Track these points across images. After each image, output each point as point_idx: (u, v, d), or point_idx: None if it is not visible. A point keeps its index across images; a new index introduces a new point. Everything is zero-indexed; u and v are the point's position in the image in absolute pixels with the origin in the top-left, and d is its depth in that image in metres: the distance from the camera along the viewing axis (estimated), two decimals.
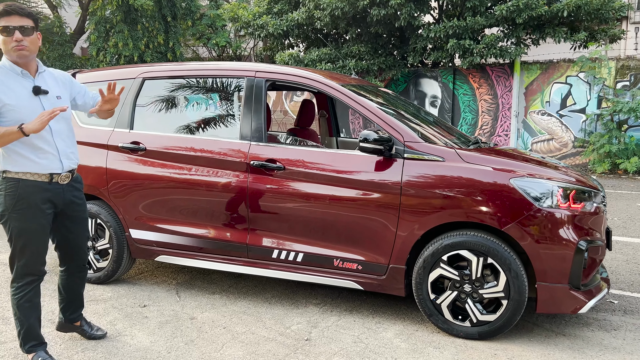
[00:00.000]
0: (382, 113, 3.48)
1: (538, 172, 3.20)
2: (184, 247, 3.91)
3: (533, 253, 3.05)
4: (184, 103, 4.10)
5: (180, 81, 4.10)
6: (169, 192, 3.88)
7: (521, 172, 3.15)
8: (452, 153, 3.28)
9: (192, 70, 4.06)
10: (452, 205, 3.17)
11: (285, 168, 3.54)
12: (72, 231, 2.99)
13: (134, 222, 4.04)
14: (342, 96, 3.56)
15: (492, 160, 3.25)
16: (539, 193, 3.08)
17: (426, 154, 3.29)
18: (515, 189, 3.08)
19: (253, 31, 12.74)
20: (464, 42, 10.86)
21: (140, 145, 3.98)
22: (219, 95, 3.99)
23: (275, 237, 3.64)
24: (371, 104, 3.55)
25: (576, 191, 3.15)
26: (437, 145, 3.36)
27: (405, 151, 3.33)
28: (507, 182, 3.10)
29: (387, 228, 3.32)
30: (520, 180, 3.11)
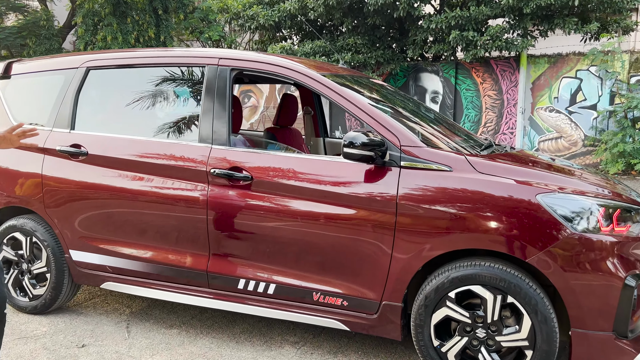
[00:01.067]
0: (374, 110, 2.78)
1: (571, 185, 2.50)
2: (133, 272, 3.21)
3: (567, 291, 2.36)
4: (134, 98, 3.39)
5: (131, 71, 3.39)
6: (115, 207, 3.18)
7: (550, 186, 2.44)
8: (462, 161, 2.58)
9: (145, 57, 3.35)
10: (461, 228, 2.47)
11: (253, 178, 2.84)
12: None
13: (75, 242, 3.34)
14: (323, 89, 2.86)
15: (513, 170, 2.54)
16: (574, 213, 2.38)
17: (428, 161, 2.59)
18: (543, 208, 2.38)
19: (243, 22, 12.01)
20: (467, 34, 10.14)
21: (81, 149, 3.28)
22: (176, 88, 3.28)
23: (241, 263, 2.95)
24: (360, 98, 2.84)
25: (621, 210, 2.45)
26: (442, 150, 2.66)
27: (402, 158, 2.62)
28: (534, 199, 2.40)
29: (379, 255, 2.63)
30: (550, 196, 2.40)
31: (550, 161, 3.13)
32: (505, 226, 2.41)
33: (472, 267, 2.49)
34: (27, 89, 3.67)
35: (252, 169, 2.86)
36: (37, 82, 3.64)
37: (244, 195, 2.86)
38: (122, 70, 3.40)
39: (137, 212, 3.13)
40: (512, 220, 2.41)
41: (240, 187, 2.87)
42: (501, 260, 2.49)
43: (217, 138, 2.99)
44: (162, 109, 3.31)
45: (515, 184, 2.45)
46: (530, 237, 2.38)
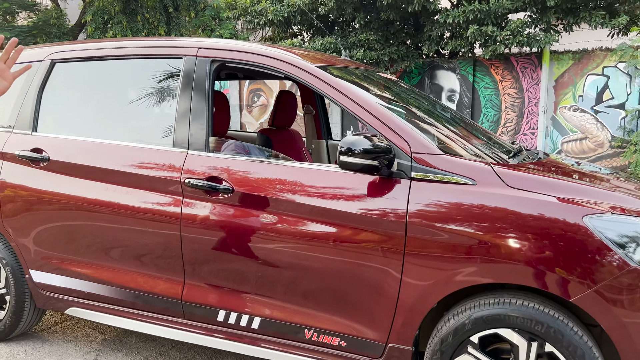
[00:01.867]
0: (380, 109, 2.29)
1: (627, 203, 1.98)
2: (101, 298, 2.77)
3: (626, 344, 1.84)
4: (104, 95, 2.95)
5: (101, 64, 2.94)
6: (79, 221, 2.74)
7: (601, 205, 1.93)
8: (488, 172, 2.07)
9: (116, 48, 2.89)
10: (487, 257, 1.97)
11: (234, 190, 2.37)
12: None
13: (35, 261, 2.91)
14: (318, 82, 2.37)
15: (552, 184, 2.04)
16: (633, 241, 1.86)
17: (446, 172, 2.09)
18: (593, 234, 1.87)
19: (252, 19, 11.57)
20: (486, 29, 9.57)
21: (42, 154, 2.84)
22: (151, 83, 2.82)
23: (221, 292, 2.48)
24: (363, 94, 2.35)
25: None
26: (463, 159, 2.16)
27: (413, 167, 2.13)
28: (580, 222, 1.89)
29: (384, 287, 2.14)
30: (601, 218, 1.89)
31: (594, 172, 2.61)
32: (544, 256, 1.91)
33: (500, 305, 1.99)
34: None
35: (233, 179, 2.39)
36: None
37: (224, 212, 2.39)
38: (91, 63, 2.95)
39: (104, 229, 2.68)
40: (552, 249, 1.90)
41: (220, 201, 2.40)
42: (537, 297, 1.99)
43: (195, 142, 2.52)
44: (134, 108, 2.86)
45: (556, 202, 1.94)
46: (577, 271, 1.87)
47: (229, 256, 2.41)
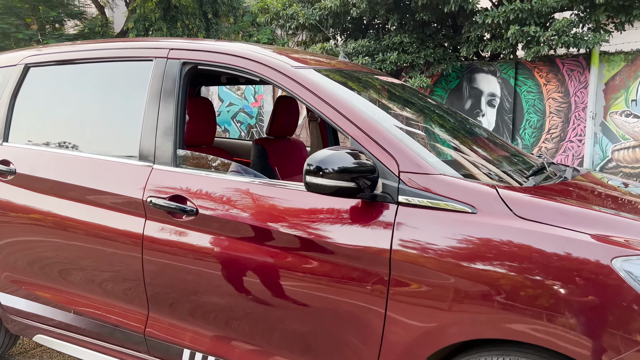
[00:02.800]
0: (364, 118, 1.91)
1: None
2: (66, 326, 2.50)
3: None
4: (76, 101, 2.69)
5: (74, 68, 2.68)
6: (41, 242, 2.49)
7: (634, 247, 1.49)
8: (492, 197, 1.67)
9: (89, 51, 2.63)
10: (487, 307, 1.56)
11: (198, 212, 2.05)
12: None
13: (3, 282, 2.68)
14: (293, 85, 2.02)
15: (572, 214, 1.61)
16: None
17: (440, 197, 1.70)
18: (624, 282, 1.43)
19: (284, 23, 11.33)
20: (528, 29, 8.96)
21: (10, 166, 2.61)
22: (122, 88, 2.54)
23: (185, 328, 2.16)
24: (345, 101, 1.97)
25: None
26: (462, 180, 1.75)
27: (400, 190, 1.75)
28: (607, 266, 1.46)
29: (364, 336, 1.77)
30: (636, 262, 1.45)
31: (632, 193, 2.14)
32: (558, 309, 1.48)
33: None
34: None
35: (198, 199, 2.07)
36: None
37: (186, 237, 2.07)
38: (64, 68, 2.71)
39: (66, 250, 2.42)
40: (570, 300, 1.48)
41: (183, 224, 2.08)
42: (548, 357, 1.56)
43: (161, 155, 2.22)
44: (104, 116, 2.59)
45: (578, 239, 1.51)
46: (604, 331, 1.44)
47: (192, 288, 2.10)
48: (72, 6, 22.48)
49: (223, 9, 19.60)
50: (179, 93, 2.25)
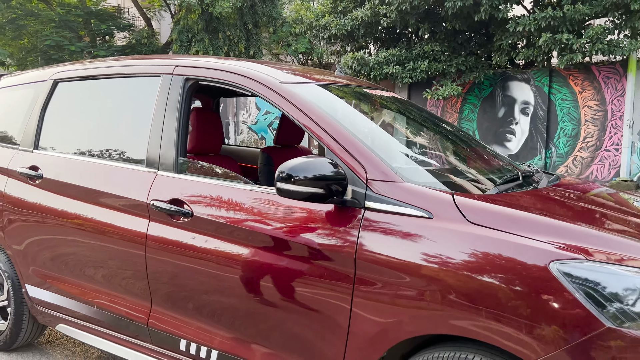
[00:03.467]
0: (339, 130, 2.07)
1: (627, 248, 1.62)
2: (82, 316, 2.76)
3: None
4: (95, 113, 2.97)
5: (95, 83, 2.97)
6: (62, 239, 2.77)
7: (573, 250, 1.59)
8: (447, 203, 1.80)
9: (106, 68, 2.91)
10: (436, 305, 1.70)
11: (193, 214, 2.26)
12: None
13: (30, 276, 2.98)
14: (279, 100, 2.21)
15: (523, 220, 1.72)
16: (610, 295, 1.51)
17: (401, 203, 1.84)
18: (560, 284, 1.54)
19: (317, 33, 11.59)
20: (560, 37, 8.85)
21: (38, 171, 2.91)
22: (134, 101, 2.80)
23: (182, 320, 2.37)
24: (323, 114, 2.14)
25: None
26: (422, 187, 1.89)
27: (367, 196, 1.90)
28: (546, 268, 1.57)
29: (333, 331, 1.92)
30: (573, 265, 1.56)
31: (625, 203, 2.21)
32: (502, 308, 1.60)
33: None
34: (6, 103, 3.41)
35: (193, 202, 2.28)
36: (14, 97, 3.36)
37: (182, 237, 2.29)
38: (86, 83, 2.99)
39: (83, 247, 2.68)
40: (511, 299, 1.59)
41: (180, 225, 2.30)
42: (498, 354, 1.67)
43: (164, 162, 2.45)
44: (119, 126, 2.85)
45: (517, 245, 1.62)
46: (541, 328, 1.55)
47: (186, 283, 2.30)
48: (122, 19, 23.56)
49: (263, 19, 20.07)
50: (181, 106, 2.48)
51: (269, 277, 2.05)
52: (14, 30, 20.86)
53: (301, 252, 1.97)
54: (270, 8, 20.15)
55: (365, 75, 10.92)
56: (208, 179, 2.34)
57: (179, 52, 19.42)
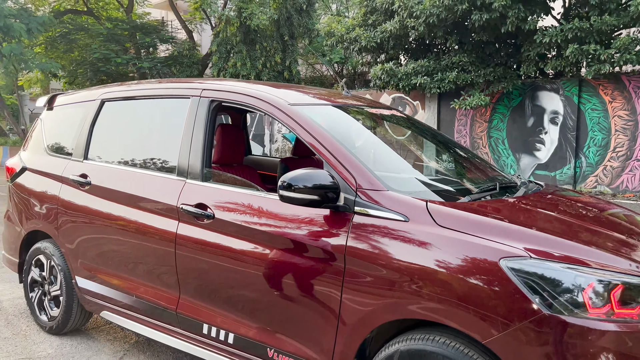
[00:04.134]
0: (334, 145, 2.43)
1: (567, 249, 1.91)
2: (120, 304, 3.20)
3: None
4: (134, 129, 3.43)
5: (134, 103, 3.42)
6: (106, 237, 3.21)
7: (520, 249, 1.89)
8: (421, 209, 2.13)
9: (145, 90, 3.36)
10: (409, 294, 2.02)
11: (214, 217, 2.66)
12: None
13: (79, 269, 3.44)
14: (286, 119, 2.59)
15: (483, 225, 2.03)
16: (548, 286, 1.81)
17: (382, 208, 2.18)
18: (508, 277, 1.85)
19: (348, 45, 11.98)
20: (587, 48, 8.94)
21: (87, 178, 3.38)
22: (167, 119, 3.23)
23: (204, 307, 2.76)
24: (322, 130, 2.50)
25: (625, 287, 1.81)
26: (402, 195, 2.22)
27: (356, 202, 2.25)
28: (496, 264, 1.88)
29: (327, 317, 2.27)
30: (519, 262, 1.86)
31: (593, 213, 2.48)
32: (461, 296, 1.92)
33: (424, 341, 2.02)
34: (60, 119, 3.92)
35: (215, 206, 2.68)
36: (68, 114, 3.86)
37: (205, 236, 2.68)
38: (128, 102, 3.46)
39: (123, 244, 3.11)
40: (468, 290, 1.91)
41: (204, 226, 2.70)
42: (461, 337, 1.98)
43: (192, 172, 2.86)
44: (154, 140, 3.29)
45: (475, 244, 1.94)
46: (490, 313, 1.86)
47: (208, 275, 2.69)
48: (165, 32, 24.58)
49: (299, 30, 20.63)
50: (207, 123, 2.89)
51: (274, 270, 2.41)
52: (66, 44, 22.12)
53: (300, 249, 2.33)
54: (306, 19, 20.70)
55: (394, 85, 11.23)
56: (227, 187, 2.74)
57: (218, 64, 20.17)
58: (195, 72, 22.32)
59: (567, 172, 10.69)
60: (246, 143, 4.46)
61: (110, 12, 24.32)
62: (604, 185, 10.26)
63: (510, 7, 9.13)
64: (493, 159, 11.79)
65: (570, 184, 10.63)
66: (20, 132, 21.91)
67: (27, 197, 3.81)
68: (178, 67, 22.51)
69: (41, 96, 4.17)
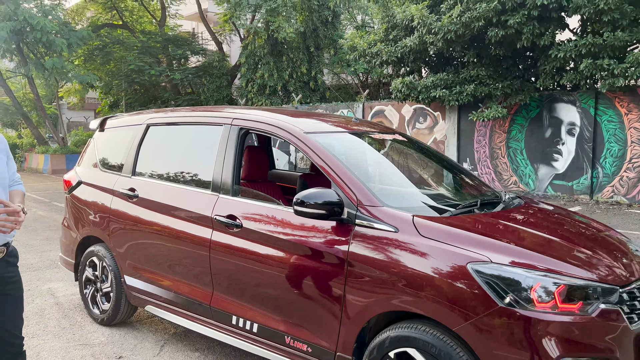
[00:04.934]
0: (340, 167, 2.94)
1: (522, 256, 2.38)
2: (163, 299, 3.77)
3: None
4: (175, 150, 4.01)
5: (174, 128, 4.01)
6: (150, 242, 3.79)
7: (484, 256, 2.37)
8: (408, 222, 2.62)
9: (183, 117, 3.94)
10: (397, 291, 2.52)
11: (242, 226, 3.20)
12: (3, 311, 2.43)
13: (127, 269, 4.03)
14: (302, 145, 3.12)
15: (457, 236, 2.51)
16: (504, 286, 2.28)
17: (377, 221, 2.68)
18: (473, 277, 2.33)
19: (370, 59, 12.49)
20: (601, 62, 9.24)
21: (135, 192, 3.97)
22: (203, 142, 3.80)
23: (233, 302, 3.30)
24: (330, 155, 3.02)
25: (567, 287, 2.27)
26: (394, 210, 2.72)
27: (357, 216, 2.76)
28: (464, 268, 2.36)
29: (333, 309, 2.78)
30: (482, 266, 2.34)
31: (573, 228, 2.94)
32: (437, 292, 2.40)
33: (409, 329, 2.51)
34: (111, 139, 4.53)
35: (243, 217, 3.22)
36: (118, 135, 4.48)
37: (234, 241, 3.23)
38: (170, 127, 4.05)
39: (165, 248, 3.68)
40: (443, 287, 2.39)
41: (233, 233, 3.24)
42: (438, 326, 2.47)
43: (224, 187, 3.41)
44: (192, 160, 3.86)
45: (449, 251, 2.43)
46: (459, 306, 2.34)
47: (237, 275, 3.23)
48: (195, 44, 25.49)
49: (324, 42, 21.23)
50: (237, 146, 3.44)
51: (290, 271, 2.94)
52: (103, 57, 23.21)
53: (312, 254, 2.85)
54: (332, 31, 21.30)
55: (414, 98, 11.67)
56: (252, 201, 3.28)
57: (246, 75, 20.91)
58: (224, 82, 23.14)
59: (584, 182, 10.94)
60: (270, 159, 5.01)
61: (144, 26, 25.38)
62: (620, 196, 10.48)
63: (525, 24, 9.50)
64: (512, 169, 12.10)
65: (587, 194, 10.88)
66: (60, 140, 23.04)
67: (83, 207, 4.44)
68: (208, 78, 23.39)
69: (76, 102, 4.76)
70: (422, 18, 10.62)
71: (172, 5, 24.90)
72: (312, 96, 20.66)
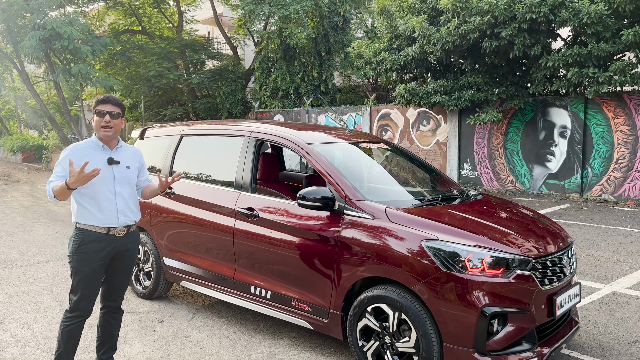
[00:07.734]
0: (332, 169, 3.86)
1: (461, 236, 3.28)
2: (195, 275, 4.72)
3: (437, 314, 3.17)
4: (203, 156, 4.96)
5: (203, 138, 4.97)
6: (184, 229, 4.74)
7: (434, 235, 3.27)
8: (381, 211, 3.53)
9: (211, 129, 4.90)
10: (372, 261, 3.43)
11: (258, 216, 4.14)
12: (117, 275, 3.39)
13: (165, 251, 4.99)
14: (303, 153, 4.04)
15: (416, 222, 3.42)
16: (446, 256, 3.18)
17: (359, 211, 3.60)
18: (425, 251, 3.23)
19: (376, 66, 13.37)
20: (587, 71, 10.04)
21: (172, 189, 4.93)
22: (228, 150, 4.74)
23: (251, 275, 4.24)
24: (325, 160, 3.94)
25: (492, 258, 3.17)
26: (372, 202, 3.63)
27: (345, 208, 3.68)
28: (419, 244, 3.27)
29: (328, 276, 3.70)
30: (431, 242, 3.25)
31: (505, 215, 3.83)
32: (400, 262, 3.31)
33: (381, 290, 3.42)
34: (150, 147, 5.50)
35: (259, 209, 4.16)
36: (156, 143, 5.44)
37: (253, 228, 4.16)
38: (200, 138, 5.00)
39: (197, 234, 4.63)
40: (404, 258, 3.30)
41: (252, 221, 4.18)
42: (402, 287, 3.38)
43: (244, 186, 4.35)
44: (219, 164, 4.81)
45: (409, 232, 3.34)
46: (415, 272, 3.25)
47: (254, 253, 4.17)
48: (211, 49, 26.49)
49: (335, 46, 22.11)
50: (254, 154, 4.37)
51: (296, 250, 3.86)
52: (123, 62, 24.32)
53: (312, 236, 3.77)
54: (342, 36, 22.18)
55: (416, 103, 12.54)
56: (266, 196, 4.22)
57: (260, 79, 21.85)
58: (239, 85, 24.12)
59: (575, 181, 11.73)
60: (281, 163, 5.95)
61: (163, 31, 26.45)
62: (608, 194, 11.25)
63: (516, 36, 10.32)
64: (509, 169, 12.91)
65: (578, 192, 11.66)
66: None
67: None
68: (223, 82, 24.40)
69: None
70: (422, 30, 11.48)
71: (189, 11, 25.89)
72: (323, 99, 21.53)
